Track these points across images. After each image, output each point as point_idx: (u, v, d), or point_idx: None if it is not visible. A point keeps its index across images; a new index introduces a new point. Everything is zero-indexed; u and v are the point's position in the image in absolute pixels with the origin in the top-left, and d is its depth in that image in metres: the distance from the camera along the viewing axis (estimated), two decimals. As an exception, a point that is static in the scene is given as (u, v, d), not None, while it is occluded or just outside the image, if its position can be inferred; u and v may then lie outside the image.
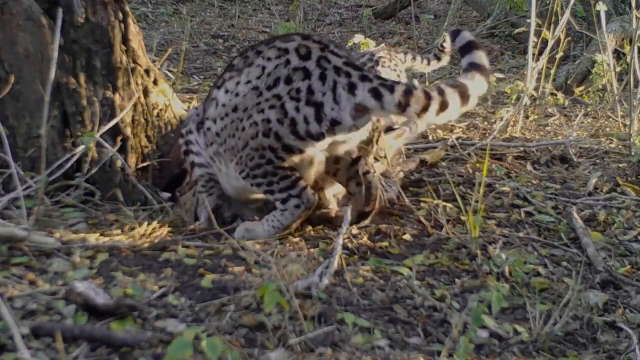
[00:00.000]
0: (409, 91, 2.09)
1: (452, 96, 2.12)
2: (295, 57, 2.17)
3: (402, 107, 2.08)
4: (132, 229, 2.30)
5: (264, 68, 2.19)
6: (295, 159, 2.22)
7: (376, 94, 2.10)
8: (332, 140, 2.20)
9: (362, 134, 2.26)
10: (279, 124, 2.15)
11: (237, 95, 2.23)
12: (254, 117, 2.17)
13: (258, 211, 2.51)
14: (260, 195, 2.41)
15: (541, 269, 2.25)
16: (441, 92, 2.11)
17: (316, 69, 2.14)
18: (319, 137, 2.16)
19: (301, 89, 2.13)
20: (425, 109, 2.09)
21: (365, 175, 2.38)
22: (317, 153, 2.25)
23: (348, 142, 2.26)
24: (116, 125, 2.55)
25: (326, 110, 2.12)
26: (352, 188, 2.40)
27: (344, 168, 2.37)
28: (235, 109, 2.23)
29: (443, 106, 2.11)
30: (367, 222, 2.43)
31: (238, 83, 2.23)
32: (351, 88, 2.11)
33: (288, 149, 2.18)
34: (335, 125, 2.13)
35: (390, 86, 2.11)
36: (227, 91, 2.26)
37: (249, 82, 2.20)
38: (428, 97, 2.09)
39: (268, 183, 2.24)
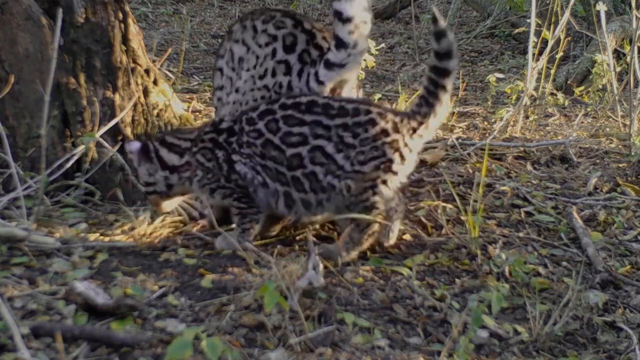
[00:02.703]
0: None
1: None
2: (281, 49, 2.25)
3: (342, 44, 2.14)
4: (132, 229, 2.30)
5: (257, 57, 2.28)
6: None
7: (326, 63, 2.18)
8: None
9: None
10: None
11: (239, 78, 2.32)
12: (250, 103, 2.29)
13: None
14: None
15: (541, 269, 2.25)
16: None
17: (297, 64, 2.24)
18: None
19: (283, 84, 2.24)
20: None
21: None
22: None
23: None
24: (116, 125, 2.55)
25: None
26: None
27: None
28: (237, 91, 2.32)
29: None
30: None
31: (243, 69, 2.31)
32: (316, 76, 2.21)
33: None
34: None
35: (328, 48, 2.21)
36: (235, 72, 2.36)
37: (248, 69, 2.30)
38: None
39: None
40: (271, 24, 2.29)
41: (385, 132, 2.10)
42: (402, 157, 2.12)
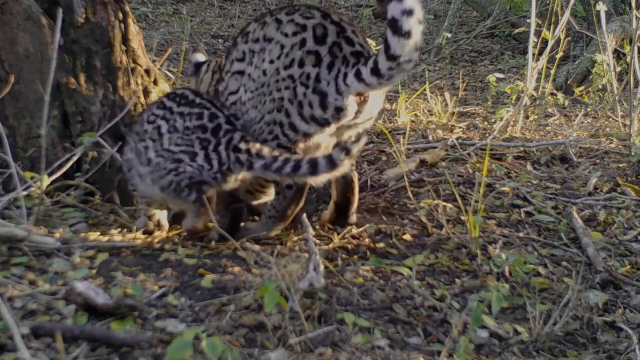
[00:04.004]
0: (376, 59, 2.10)
1: None
2: (311, 39, 2.20)
3: (377, 73, 2.08)
4: (130, 231, 2.30)
5: (282, 47, 2.23)
6: (301, 144, 2.25)
7: (357, 74, 2.13)
8: (340, 125, 2.23)
9: (370, 119, 2.31)
10: (289, 103, 2.22)
11: (264, 73, 2.27)
12: (274, 94, 2.25)
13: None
14: (265, 199, 2.47)
15: (541, 269, 2.25)
16: None
17: (327, 56, 2.19)
18: (323, 122, 2.21)
19: (310, 76, 2.19)
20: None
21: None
22: (324, 139, 2.29)
23: (354, 127, 2.31)
24: (116, 125, 2.55)
25: (330, 100, 2.17)
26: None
27: None
28: (262, 85, 2.28)
29: None
30: (352, 219, 2.45)
31: (264, 60, 2.27)
32: (345, 78, 2.16)
33: (293, 128, 2.23)
34: (339, 112, 2.19)
35: (366, 59, 2.14)
36: (256, 66, 2.30)
37: (271, 61, 2.25)
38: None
39: None
40: (298, 14, 2.25)
41: (203, 128, 2.19)
42: (208, 158, 2.16)
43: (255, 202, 2.51)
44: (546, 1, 5.51)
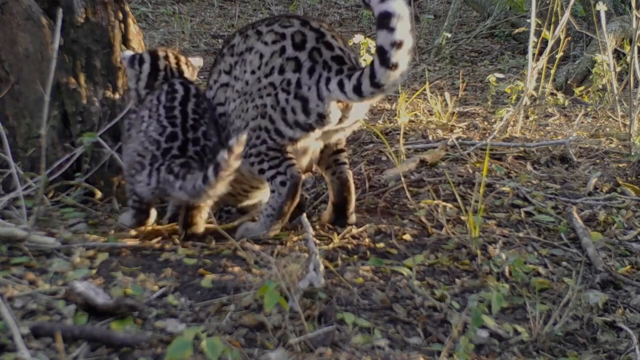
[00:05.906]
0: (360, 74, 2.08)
1: None
2: (290, 46, 2.21)
3: (358, 92, 2.07)
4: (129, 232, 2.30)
5: (261, 56, 2.25)
6: (289, 148, 2.26)
7: (340, 85, 2.12)
8: (326, 130, 2.24)
9: (357, 122, 2.31)
10: (272, 109, 2.23)
11: (247, 83, 2.29)
12: (256, 101, 2.26)
13: None
14: (254, 200, 2.49)
15: (541, 269, 2.25)
16: None
17: (307, 62, 2.19)
18: (307, 127, 2.21)
19: (291, 81, 2.20)
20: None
21: (340, 165, 2.42)
22: (312, 143, 2.30)
23: (341, 131, 2.32)
24: (116, 125, 2.55)
25: (311, 106, 2.18)
26: (328, 177, 2.45)
27: (326, 156, 2.42)
28: (244, 93, 2.29)
29: None
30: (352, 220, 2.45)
31: (245, 71, 2.29)
32: (327, 83, 2.15)
33: (279, 134, 2.24)
34: (322, 118, 2.19)
35: (350, 73, 2.12)
36: (237, 79, 2.32)
37: (253, 72, 2.26)
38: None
39: (259, 161, 2.29)
40: (277, 24, 2.26)
41: (157, 145, 2.21)
42: (150, 174, 2.20)
43: (244, 204, 2.53)
44: (546, 1, 5.51)
